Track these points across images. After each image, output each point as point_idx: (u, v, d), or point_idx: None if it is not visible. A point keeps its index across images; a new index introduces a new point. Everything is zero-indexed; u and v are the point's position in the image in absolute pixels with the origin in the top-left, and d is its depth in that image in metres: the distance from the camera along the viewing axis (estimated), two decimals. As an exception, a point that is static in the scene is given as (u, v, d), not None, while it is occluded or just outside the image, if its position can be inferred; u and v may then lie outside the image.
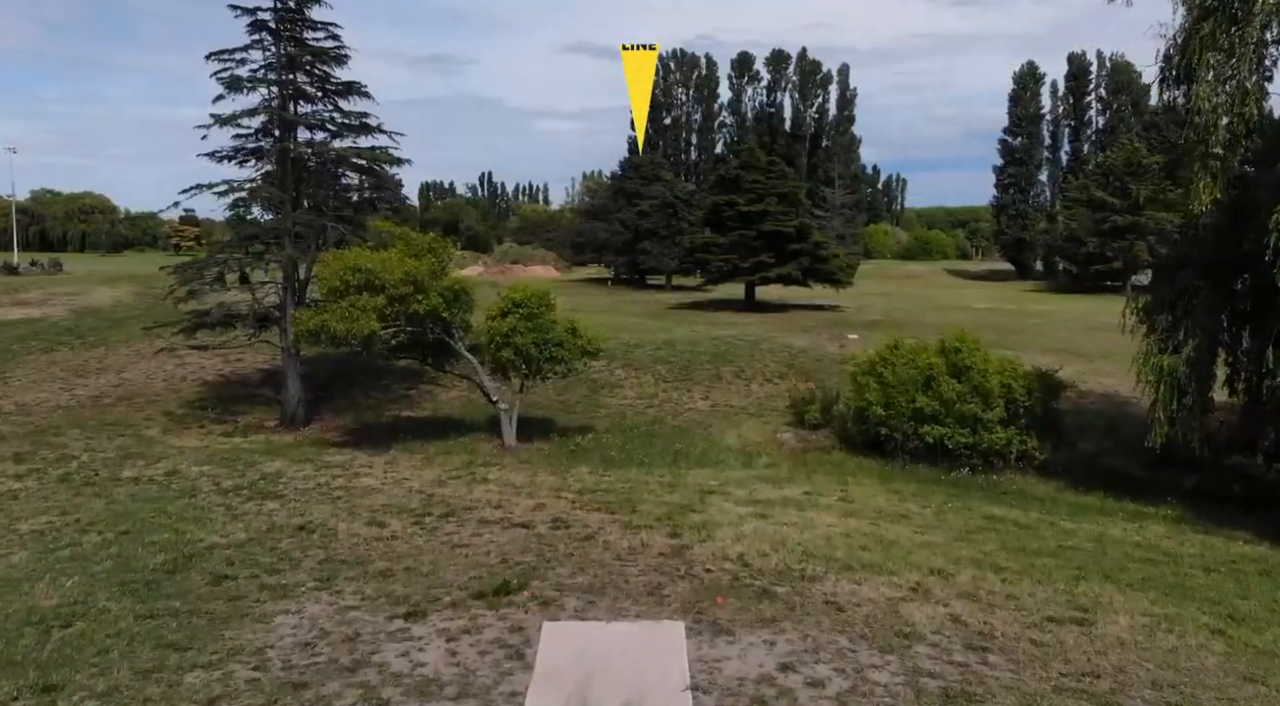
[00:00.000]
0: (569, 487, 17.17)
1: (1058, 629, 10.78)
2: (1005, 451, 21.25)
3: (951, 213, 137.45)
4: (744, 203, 51.20)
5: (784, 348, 33.85)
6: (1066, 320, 50.10)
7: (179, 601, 11.16)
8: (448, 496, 16.14)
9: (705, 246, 51.81)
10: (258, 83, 24.73)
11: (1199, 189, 17.50)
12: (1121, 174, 66.37)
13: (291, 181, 25.42)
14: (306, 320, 21.28)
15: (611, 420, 26.68)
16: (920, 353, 22.48)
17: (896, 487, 18.98)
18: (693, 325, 41.09)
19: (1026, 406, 21.49)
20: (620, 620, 10.40)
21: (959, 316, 49.98)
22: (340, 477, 18.10)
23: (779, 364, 31.64)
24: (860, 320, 47.61)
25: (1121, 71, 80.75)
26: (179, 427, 25.28)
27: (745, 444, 24.63)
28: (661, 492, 16.97)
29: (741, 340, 34.92)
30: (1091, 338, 42.51)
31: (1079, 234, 66.90)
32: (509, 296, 23.06)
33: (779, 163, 50.55)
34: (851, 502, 16.92)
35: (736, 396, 28.87)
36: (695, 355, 32.31)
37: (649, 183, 67.23)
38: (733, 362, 31.64)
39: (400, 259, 21.62)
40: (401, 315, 21.60)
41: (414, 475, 18.36)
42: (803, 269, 50.47)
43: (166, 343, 27.59)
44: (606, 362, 30.58)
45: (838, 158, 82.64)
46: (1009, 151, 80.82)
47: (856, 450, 22.83)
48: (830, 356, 32.64)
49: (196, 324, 26.00)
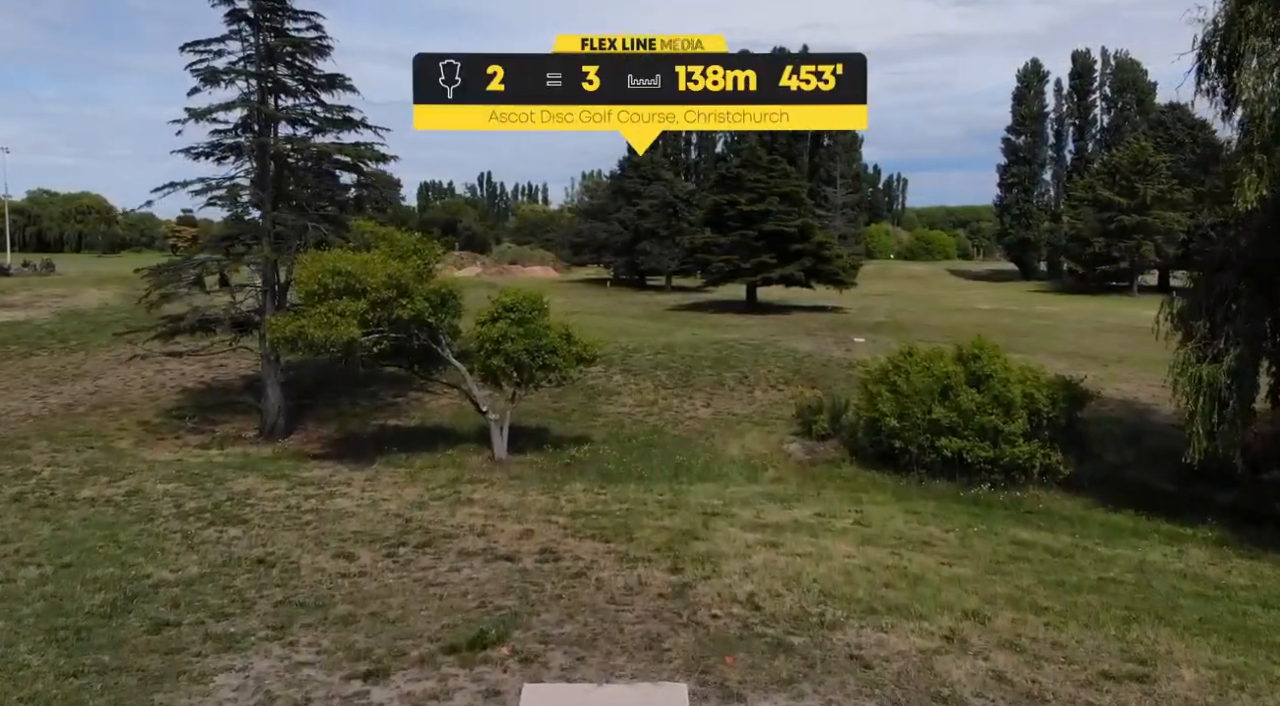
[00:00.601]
0: (561, 509, 15.66)
1: (1116, 687, 9.27)
2: (1028, 466, 19.74)
3: (952, 212, 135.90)
4: (745, 202, 49.67)
5: (788, 352, 32.34)
6: (1074, 321, 48.62)
7: (110, 654, 9.65)
8: (427, 521, 14.63)
9: (706, 246, 50.28)
10: (236, 75, 23.22)
11: (1244, 185, 15.94)
12: (1128, 173, 64.84)
13: (271, 179, 23.91)
14: (283, 326, 19.78)
15: (609, 429, 25.18)
16: (936, 359, 20.97)
17: (914, 507, 17.48)
18: (693, 328, 39.60)
19: (1050, 417, 19.98)
20: (613, 681, 8.90)
21: (964, 317, 48.56)
22: (314, 498, 16.60)
23: (783, 369, 30.12)
24: (864, 322, 46.13)
25: (1126, 69, 79.18)
26: (153, 439, 23.77)
27: (749, 455, 23.13)
28: (661, 514, 15.46)
29: (744, 344, 33.40)
30: (1102, 340, 41.04)
31: (1085, 234, 65.39)
32: (500, 300, 21.57)
33: (781, 161, 48.98)
34: (868, 526, 15.41)
35: (739, 404, 27.37)
36: (696, 360, 30.80)
37: (648, 182, 65.67)
38: (735, 368, 30.13)
39: (383, 261, 20.13)
40: (384, 320, 20.11)
41: (394, 494, 16.85)
42: (805, 270, 48.97)
43: (141, 349, 25.99)
44: (604, 368, 29.09)
45: (839, 156, 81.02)
46: (1012, 150, 79.24)
47: (868, 463, 21.32)
48: (837, 361, 31.15)
49: (172, 329, 24.51)
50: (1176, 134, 69.32)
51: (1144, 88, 79.23)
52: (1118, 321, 48.43)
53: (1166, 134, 69.25)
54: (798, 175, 51.70)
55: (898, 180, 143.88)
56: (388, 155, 24.50)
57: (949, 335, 41.44)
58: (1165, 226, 63.38)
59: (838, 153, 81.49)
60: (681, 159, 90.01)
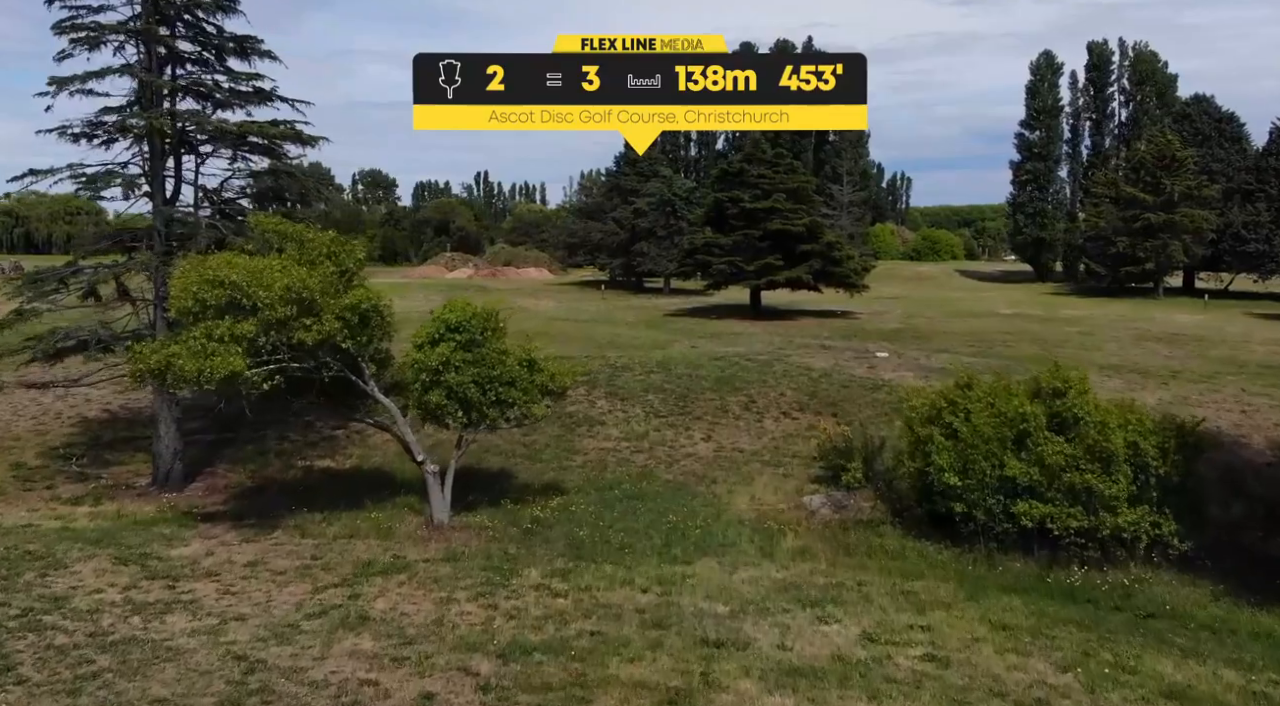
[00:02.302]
0: (493, 639, 10.38)
1: None
2: (1133, 537, 14.50)
3: (957, 212, 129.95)
4: (749, 199, 44.23)
5: (801, 370, 27.00)
6: (1108, 328, 43.17)
7: None
8: (283, 670, 9.37)
9: (706, 247, 44.82)
10: (114, 32, 17.96)
11: None
12: (1154, 168, 59.27)
13: (163, 165, 18.66)
14: (147, 356, 14.52)
15: (588, 472, 19.99)
16: (1004, 396, 15.67)
17: (997, 612, 12.20)
18: (693, 338, 34.33)
19: (1161, 474, 14.73)
20: None
21: (986, 324, 43.32)
22: (152, 607, 11.38)
23: (797, 392, 24.80)
24: (879, 329, 40.89)
25: (1145, 61, 73.47)
26: (19, 489, 18.61)
27: (761, 511, 17.90)
28: (641, 646, 10.22)
29: (750, 360, 28.06)
30: (1146, 351, 35.54)
31: (1106, 232, 59.91)
32: (442, 318, 16.35)
33: (786, 156, 43.49)
34: (946, 663, 10.15)
35: (746, 436, 22.10)
36: (695, 381, 25.48)
37: (646, 179, 60.14)
38: (741, 390, 24.81)
39: (284, 268, 14.88)
40: (283, 346, 14.87)
41: (263, 601, 11.61)
42: (814, 272, 43.56)
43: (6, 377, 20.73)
44: (587, 391, 23.89)
45: (845, 152, 75.42)
46: (1026, 146, 73.49)
47: (916, 528, 16.08)
48: (859, 382, 25.82)
49: (54, 352, 19.24)
50: (1203, 127, 63.67)
51: (1164, 80, 73.53)
52: (1155, 328, 43.12)
53: (1192, 127, 63.58)
54: (804, 170, 46.35)
55: (901, 179, 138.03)
56: (311, 137, 19.22)
57: (975, 344, 36.20)
58: (1194, 225, 57.94)
59: (844, 148, 75.86)
60: (681, 156, 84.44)
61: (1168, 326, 43.91)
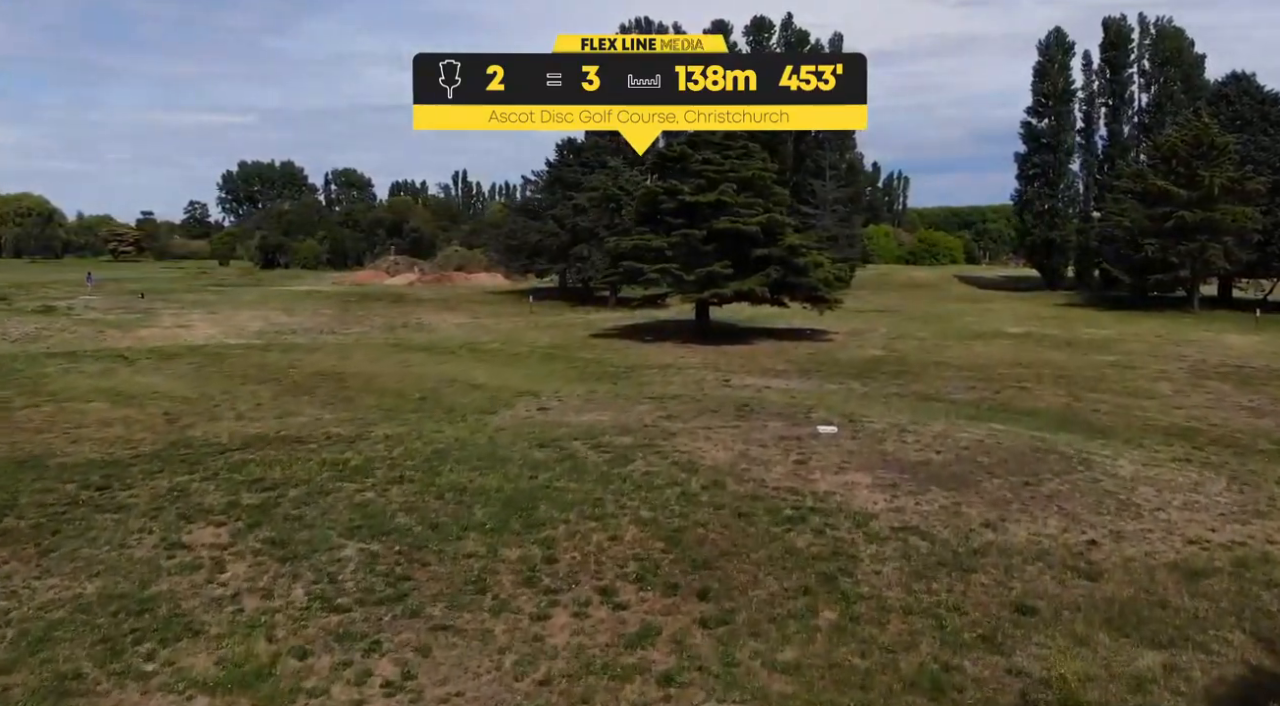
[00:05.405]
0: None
1: None
2: None
3: (956, 213, 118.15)
4: (690, 191, 33.48)
5: (677, 472, 13.52)
6: (1149, 356, 31.89)
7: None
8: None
9: (636, 251, 33.98)
10: None
11: None
12: (1188, 158, 48.05)
13: None
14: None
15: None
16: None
17: None
18: (578, 382, 23.54)
19: None
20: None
21: (992, 349, 32.35)
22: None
23: (646, 534, 10.57)
24: (852, 358, 30.02)
25: (1170, 38, 62.03)
26: None
27: None
28: None
29: (602, 448, 14.40)
30: (1217, 398, 23.58)
31: (1131, 233, 48.70)
32: None
33: (740, 138, 32.70)
34: None
35: (491, 679, 8.33)
36: (459, 509, 12.33)
37: (590, 171, 49.37)
38: (537, 529, 11.31)
39: None
40: None
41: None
42: (772, 283, 32.75)
43: None
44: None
45: (829, 144, 64.34)
46: (1033, 135, 62.20)
47: None
48: (769, 499, 12.24)
49: None
50: (1243, 110, 52.32)
51: (1191, 61, 62.21)
52: (1210, 356, 31.92)
53: (1231, 110, 52.23)
54: (763, 155, 35.30)
55: (898, 178, 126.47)
56: None
57: (977, 385, 25.12)
58: (1236, 225, 46.70)
59: (828, 140, 64.68)
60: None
61: (1225, 353, 32.62)
